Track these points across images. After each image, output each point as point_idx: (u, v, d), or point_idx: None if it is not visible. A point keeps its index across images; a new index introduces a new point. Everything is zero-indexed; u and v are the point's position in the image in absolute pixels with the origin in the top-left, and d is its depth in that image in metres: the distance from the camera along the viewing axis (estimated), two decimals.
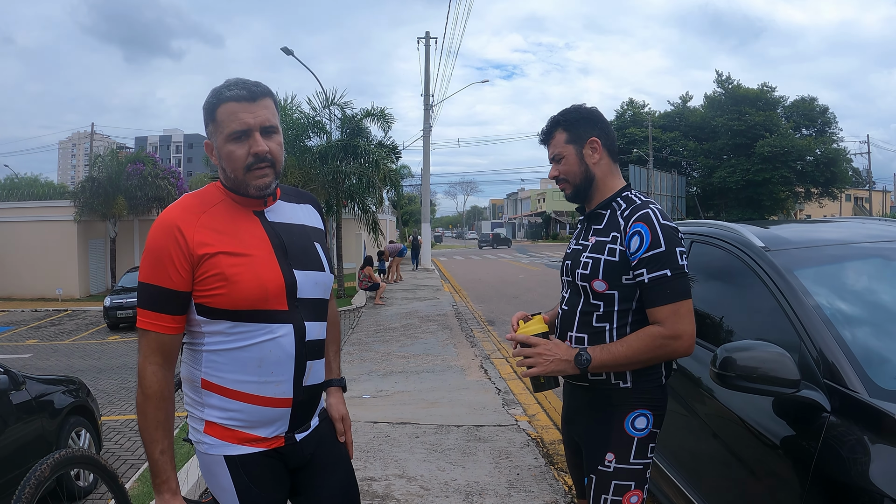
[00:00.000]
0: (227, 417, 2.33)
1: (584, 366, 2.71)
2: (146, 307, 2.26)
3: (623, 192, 2.96)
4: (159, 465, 2.26)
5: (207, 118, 2.34)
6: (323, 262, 2.52)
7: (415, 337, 14.06)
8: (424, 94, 37.96)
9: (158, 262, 2.23)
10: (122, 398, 11.63)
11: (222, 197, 2.39)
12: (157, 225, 2.28)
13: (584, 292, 2.89)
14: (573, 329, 2.92)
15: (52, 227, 32.09)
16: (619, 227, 2.82)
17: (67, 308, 28.81)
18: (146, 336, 2.27)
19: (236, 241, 2.30)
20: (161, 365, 2.27)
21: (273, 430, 2.38)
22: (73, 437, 6.70)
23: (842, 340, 2.98)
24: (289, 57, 27.70)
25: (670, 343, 2.66)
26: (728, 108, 62.33)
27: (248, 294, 2.24)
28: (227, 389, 2.30)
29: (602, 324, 2.84)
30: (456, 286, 27.11)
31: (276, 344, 2.30)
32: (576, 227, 3.26)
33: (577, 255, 2.96)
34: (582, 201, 3.05)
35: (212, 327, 2.29)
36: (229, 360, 2.29)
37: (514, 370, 10.59)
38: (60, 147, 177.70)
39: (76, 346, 19.12)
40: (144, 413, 2.26)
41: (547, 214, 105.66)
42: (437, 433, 7.18)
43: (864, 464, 2.53)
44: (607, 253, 2.80)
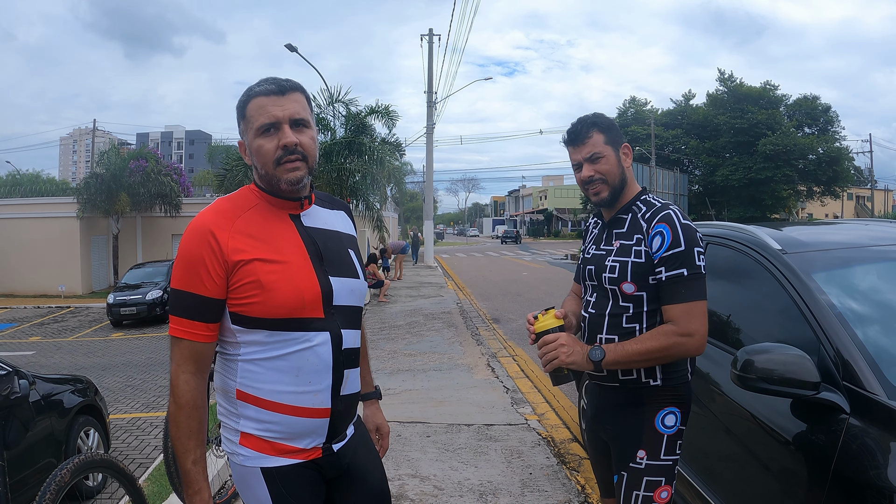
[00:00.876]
0: (263, 429, 2.27)
1: (598, 359, 2.79)
2: (179, 314, 2.21)
3: (641, 196, 3.04)
4: (191, 476, 2.22)
5: (239, 116, 2.32)
6: (357, 269, 2.48)
7: (420, 335, 14.03)
8: (427, 92, 37.91)
9: (192, 268, 2.19)
10: (127, 396, 11.62)
11: (257, 200, 2.34)
12: (190, 230, 2.23)
13: (613, 295, 2.94)
14: (603, 331, 2.97)
15: (54, 224, 32.13)
16: (641, 229, 2.89)
17: (70, 305, 28.86)
18: (179, 344, 2.22)
19: (272, 247, 2.25)
20: (194, 373, 2.23)
21: (311, 442, 2.33)
22: (81, 437, 6.69)
23: (860, 343, 3.03)
24: (291, 54, 27.63)
25: (682, 341, 2.72)
26: (730, 107, 62.26)
27: (284, 302, 2.19)
28: (264, 400, 2.25)
29: (632, 325, 2.90)
30: (460, 284, 27.09)
31: (313, 353, 2.25)
32: (587, 231, 3.37)
33: (601, 260, 3.01)
34: (612, 205, 3.04)
35: (247, 336, 2.24)
36: (266, 370, 2.24)
37: (521, 369, 10.63)
38: (62, 143, 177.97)
39: (80, 344, 19.13)
40: (177, 422, 2.21)
41: (548, 212, 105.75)
42: (447, 432, 7.15)
43: (883, 465, 2.56)
44: (633, 255, 2.87)
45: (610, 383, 2.99)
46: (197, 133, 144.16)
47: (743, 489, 3.55)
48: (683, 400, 2.93)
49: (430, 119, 38.13)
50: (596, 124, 2.99)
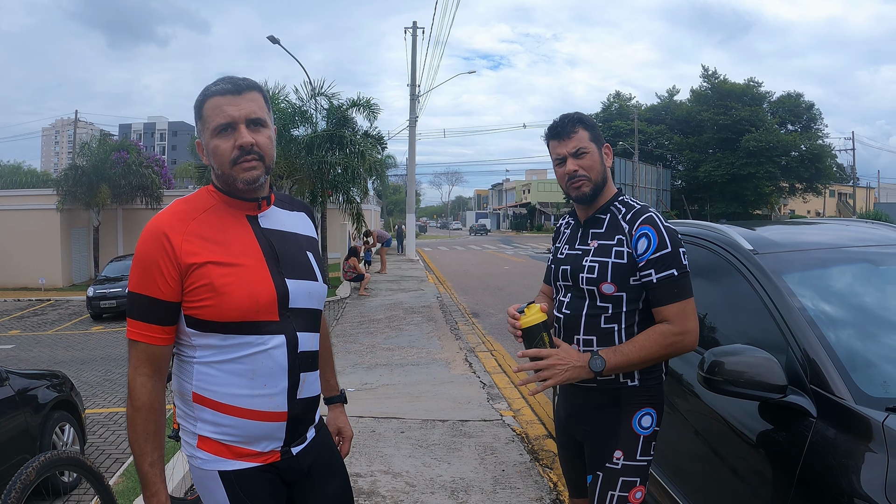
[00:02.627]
0: (220, 432, 2.27)
1: (600, 369, 2.76)
2: (135, 317, 2.21)
3: (619, 197, 3.05)
4: (149, 478, 2.22)
5: (196, 116, 2.32)
6: (316, 271, 2.48)
7: (399, 329, 14.06)
8: (411, 85, 37.84)
9: (147, 271, 2.19)
10: (105, 390, 11.57)
11: (214, 202, 2.33)
12: (145, 232, 2.23)
13: (591, 296, 2.95)
14: (580, 332, 2.98)
15: (35, 216, 31.86)
16: (622, 230, 2.91)
17: (50, 298, 28.64)
18: (136, 346, 2.22)
19: (226, 249, 2.25)
20: (151, 376, 2.23)
21: (268, 445, 2.33)
22: (56, 433, 6.67)
23: (829, 346, 3.00)
24: (274, 45, 27.59)
25: (680, 339, 2.78)
26: (714, 103, 62.56)
27: (237, 305, 2.19)
28: (220, 404, 2.25)
29: (611, 325, 2.93)
30: (440, 277, 27.12)
31: (268, 356, 2.25)
32: (557, 232, 3.36)
33: (577, 260, 3.01)
34: (592, 202, 3.04)
35: (202, 340, 2.24)
36: (221, 373, 2.24)
37: (498, 364, 10.70)
38: (44, 134, 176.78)
39: (59, 337, 19.02)
40: (134, 425, 2.22)
41: (531, 205, 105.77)
42: (422, 428, 7.19)
43: (849, 470, 2.55)
44: (614, 256, 2.89)
45: (587, 384, 2.95)
46: (180, 124, 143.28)
47: (711, 490, 3.57)
48: (658, 400, 2.98)
49: (412, 112, 38.07)
50: (581, 121, 3.01)
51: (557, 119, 3.07)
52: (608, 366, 2.76)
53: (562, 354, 2.80)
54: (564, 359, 2.79)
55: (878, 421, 2.53)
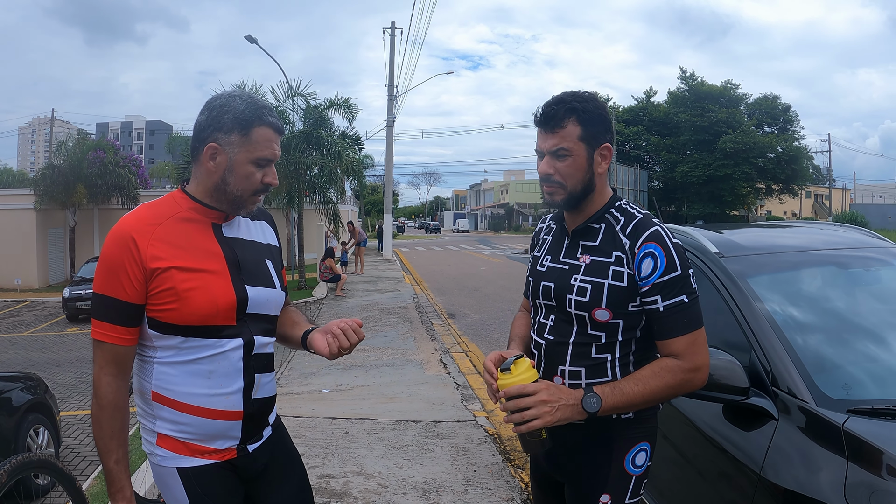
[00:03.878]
0: (178, 430, 2.35)
1: (595, 410, 2.31)
2: (101, 318, 2.27)
3: (615, 203, 2.58)
4: (114, 475, 2.29)
5: (235, 127, 2.31)
6: (274, 279, 2.55)
7: (375, 330, 14.08)
8: (389, 85, 37.85)
9: (112, 273, 2.24)
10: (80, 392, 11.54)
11: (180, 208, 2.39)
12: (111, 235, 2.28)
13: (580, 322, 2.50)
14: (565, 362, 2.53)
15: (10, 216, 31.60)
16: (622, 246, 2.45)
17: (26, 299, 28.46)
18: (101, 347, 2.28)
19: (190, 255, 2.31)
20: (116, 376, 2.28)
21: (225, 442, 2.40)
22: (31, 435, 6.66)
23: (791, 349, 3.05)
24: (253, 45, 27.57)
25: (690, 378, 2.37)
26: (691, 105, 62.95)
27: (198, 310, 2.26)
28: (178, 402, 2.32)
29: (603, 355, 2.49)
30: (417, 278, 27.14)
31: (225, 357, 2.33)
32: (536, 236, 2.92)
33: (563, 277, 2.54)
34: (569, 210, 2.60)
35: (163, 341, 2.31)
36: (179, 373, 2.31)
37: (473, 365, 10.74)
38: (20, 133, 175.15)
39: (35, 339, 18.95)
40: (99, 423, 2.28)
41: (510, 206, 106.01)
42: (395, 429, 7.25)
43: (809, 471, 2.61)
44: (612, 277, 2.43)
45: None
46: (157, 123, 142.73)
47: (678, 492, 3.63)
48: (653, 432, 2.59)
49: (390, 112, 38.06)
50: (576, 111, 2.45)
51: (548, 102, 2.53)
52: (604, 406, 2.32)
53: (552, 390, 2.34)
54: (555, 394, 2.33)
55: (839, 423, 2.59)
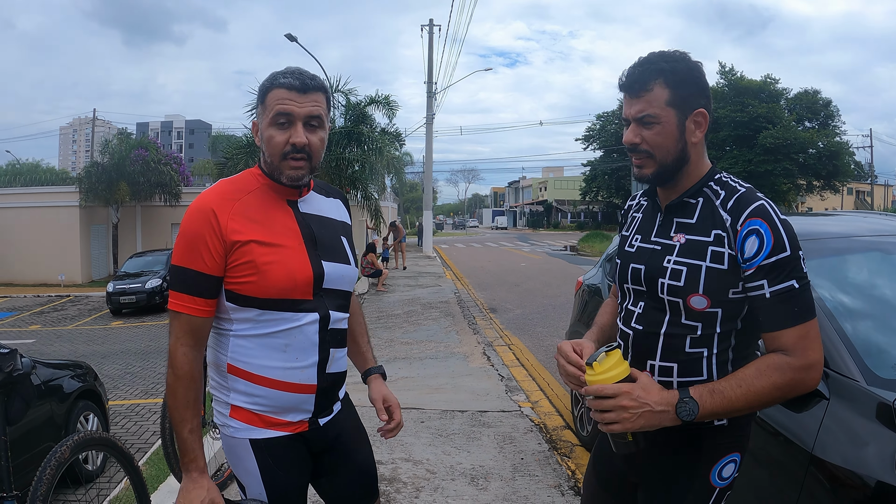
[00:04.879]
0: (252, 402, 2.37)
1: (690, 418, 2.06)
2: (179, 290, 2.30)
3: (715, 175, 2.29)
4: (188, 444, 2.30)
5: (258, 100, 2.40)
6: (349, 255, 2.57)
7: (417, 324, 14.11)
8: (427, 82, 37.88)
9: (192, 245, 2.27)
10: (126, 383, 11.70)
11: (258, 184, 2.42)
12: (192, 209, 2.31)
13: (673, 309, 2.23)
14: (655, 356, 2.27)
15: (55, 213, 32.15)
16: (722, 223, 2.16)
17: (70, 293, 28.89)
18: (178, 318, 2.31)
19: (268, 230, 2.33)
20: (192, 346, 2.31)
21: (298, 415, 2.43)
22: (81, 421, 6.76)
23: (841, 331, 3.06)
24: (291, 43, 27.64)
25: (801, 377, 2.05)
26: (731, 100, 62.23)
27: (277, 283, 2.28)
28: (254, 375, 2.35)
29: (699, 349, 2.21)
30: (458, 273, 27.15)
31: (301, 331, 2.35)
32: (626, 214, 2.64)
33: (655, 259, 2.28)
34: (661, 184, 2.34)
35: (240, 314, 2.33)
36: (256, 346, 2.34)
37: (516, 357, 10.71)
38: (61, 133, 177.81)
39: (79, 332, 19.21)
40: (174, 393, 2.30)
41: (548, 203, 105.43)
42: (441, 418, 7.24)
43: (860, 448, 2.60)
44: (711, 258, 2.15)
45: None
46: (197, 122, 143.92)
47: None
48: (745, 441, 2.32)
49: (429, 109, 38.09)
50: (663, 73, 2.18)
51: (634, 63, 2.28)
52: (702, 412, 2.05)
53: (637, 393, 2.08)
54: (641, 397, 2.08)
55: (889, 401, 2.58)
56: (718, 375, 2.18)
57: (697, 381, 2.17)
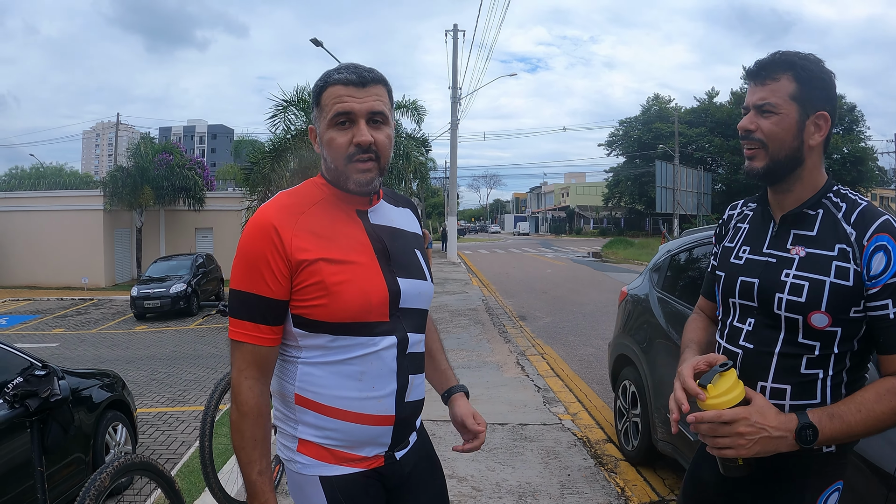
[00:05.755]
0: (323, 436, 2.13)
1: (810, 443, 1.96)
2: (241, 317, 2.07)
3: (833, 187, 2.19)
4: (258, 487, 2.08)
5: (313, 102, 2.16)
6: (425, 270, 2.32)
7: (447, 332, 13.88)
8: (452, 88, 37.84)
9: (253, 267, 2.04)
10: (152, 390, 11.56)
11: (322, 195, 2.18)
12: (252, 226, 2.08)
13: (790, 327, 2.11)
14: (767, 377, 2.14)
15: (79, 217, 32.39)
16: (846, 237, 2.07)
17: (93, 297, 28.96)
18: (241, 348, 2.07)
19: (337, 246, 2.10)
20: (258, 379, 2.09)
21: (373, 450, 2.18)
22: (109, 432, 6.58)
23: None
24: (314, 49, 27.54)
25: None
26: None
27: (350, 305, 2.04)
28: (325, 406, 2.11)
29: (814, 370, 2.09)
30: (484, 280, 27.01)
31: (378, 357, 2.11)
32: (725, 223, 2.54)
33: (771, 272, 2.17)
34: (770, 182, 2.24)
35: (310, 340, 2.09)
36: (327, 374, 2.10)
37: (550, 367, 10.51)
38: (84, 137, 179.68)
39: (103, 336, 19.13)
40: (240, 431, 2.08)
41: (570, 209, 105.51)
42: None
43: None
44: (835, 274, 2.05)
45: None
46: (219, 127, 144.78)
47: None
48: (847, 467, 2.23)
49: (454, 115, 38.07)
50: (794, 67, 2.12)
51: (769, 55, 2.20)
52: (821, 437, 1.95)
53: (754, 418, 1.97)
54: (758, 422, 1.97)
55: None
56: (832, 399, 2.08)
57: (810, 405, 2.07)
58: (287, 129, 23.68)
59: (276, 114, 23.51)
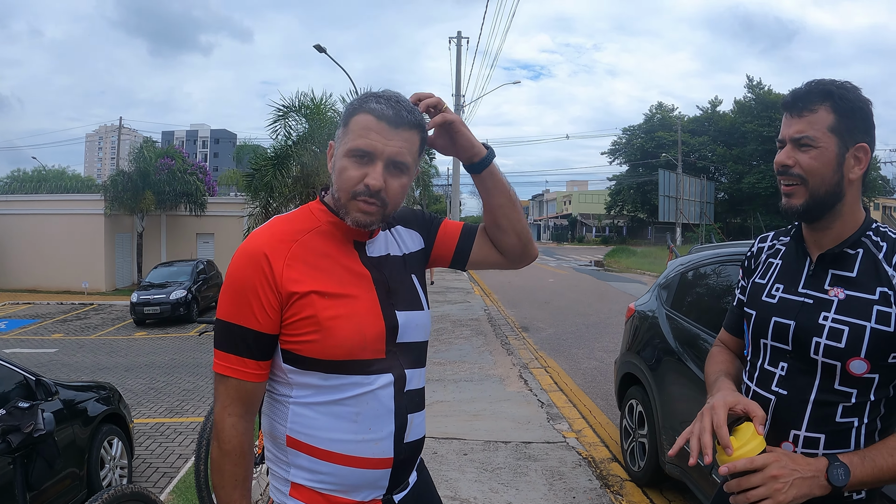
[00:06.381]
0: (317, 480, 1.99)
1: (842, 484, 1.86)
2: (226, 350, 1.93)
3: (873, 225, 2.10)
4: None
5: (342, 120, 2.02)
6: (421, 298, 2.18)
7: (449, 342, 13.76)
8: (455, 95, 37.70)
9: (242, 297, 1.91)
10: (150, 399, 11.43)
11: (319, 222, 2.05)
12: (241, 253, 1.95)
13: (827, 373, 2.00)
14: (801, 426, 2.03)
15: (80, 220, 32.37)
16: (888, 280, 1.98)
17: (93, 302, 28.91)
18: (225, 382, 1.94)
19: (332, 278, 1.97)
20: (242, 416, 1.96)
21: (370, 494, 2.04)
22: (105, 447, 6.44)
23: None
24: (317, 54, 27.53)
25: None
26: (758, 114, 62.24)
27: (343, 342, 1.91)
28: (318, 449, 1.97)
29: (850, 419, 1.98)
30: (486, 289, 26.87)
31: (374, 396, 1.98)
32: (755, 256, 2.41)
33: (808, 314, 2.05)
34: (809, 220, 2.12)
35: (301, 378, 1.96)
36: (321, 415, 1.96)
37: (554, 381, 10.37)
38: (87, 140, 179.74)
39: (102, 342, 19.02)
40: (221, 470, 1.94)
41: (573, 217, 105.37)
42: (484, 450, 6.88)
43: None
44: (876, 319, 1.93)
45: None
46: (222, 132, 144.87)
47: None
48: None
49: None
50: (831, 97, 2.01)
51: (805, 84, 2.10)
52: (853, 479, 1.87)
53: (784, 461, 1.89)
54: (789, 467, 1.88)
55: None
56: (865, 447, 1.97)
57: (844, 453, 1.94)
58: (287, 135, 23.66)
59: (277, 120, 23.44)
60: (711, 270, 5.63)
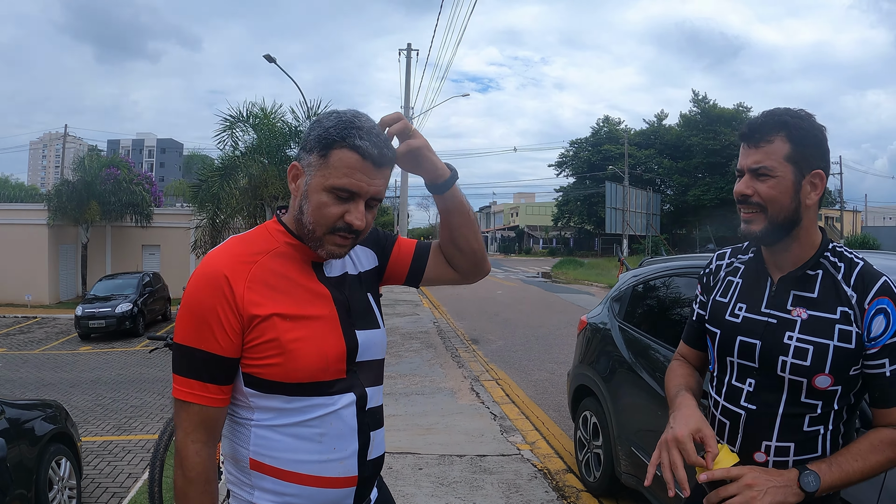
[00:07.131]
0: (282, 502, 1.97)
1: (813, 490, 1.99)
2: (186, 374, 1.89)
3: (830, 245, 2.22)
4: None
5: (315, 145, 1.93)
6: (377, 316, 2.18)
7: (399, 356, 13.71)
8: (404, 107, 37.64)
9: (202, 321, 1.86)
10: (97, 416, 11.23)
11: (277, 243, 2.02)
12: (200, 275, 1.91)
13: (793, 388, 2.13)
14: (772, 437, 2.15)
15: (22, 231, 31.78)
16: (847, 300, 2.10)
17: (37, 315, 28.38)
18: (187, 409, 1.90)
19: (293, 299, 1.95)
20: (205, 443, 1.92)
21: None
22: (53, 467, 6.30)
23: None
24: (266, 64, 27.33)
25: None
26: (703, 128, 63.23)
27: (306, 365, 1.90)
28: (283, 471, 1.95)
29: (816, 427, 2.12)
30: (434, 301, 26.79)
31: (337, 416, 1.97)
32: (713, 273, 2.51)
33: (774, 335, 2.17)
34: (767, 244, 2.24)
35: (263, 402, 1.94)
36: (284, 437, 1.94)
37: (505, 393, 10.37)
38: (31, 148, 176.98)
39: (47, 357, 18.69)
40: (186, 498, 1.91)
41: (520, 228, 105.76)
42: (440, 464, 6.86)
43: None
44: (838, 337, 2.07)
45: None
46: (168, 141, 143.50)
47: None
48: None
49: None
50: (786, 127, 2.10)
51: (760, 114, 2.20)
52: (823, 485, 2.00)
53: (757, 472, 2.04)
54: (762, 476, 2.02)
55: None
56: (831, 451, 2.13)
57: (813, 459, 2.11)
58: (235, 145, 23.40)
59: (224, 130, 23.16)
60: (662, 283, 5.70)
